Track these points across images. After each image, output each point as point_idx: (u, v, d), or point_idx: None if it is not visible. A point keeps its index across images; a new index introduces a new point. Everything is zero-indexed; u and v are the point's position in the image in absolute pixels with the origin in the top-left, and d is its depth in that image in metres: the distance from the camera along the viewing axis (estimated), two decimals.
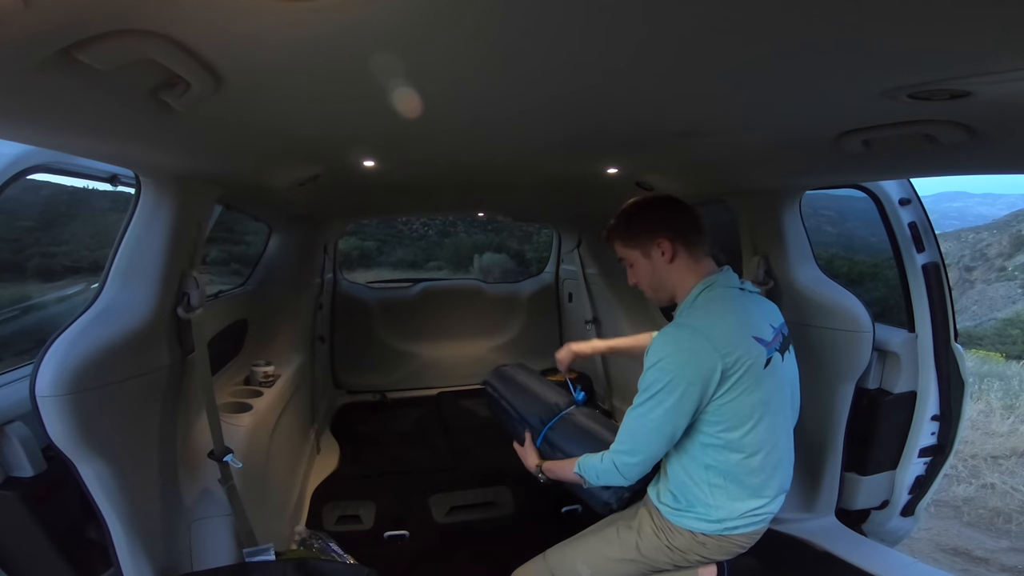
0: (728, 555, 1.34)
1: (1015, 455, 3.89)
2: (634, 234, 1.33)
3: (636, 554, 1.36)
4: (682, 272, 1.30)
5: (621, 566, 1.38)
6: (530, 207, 3.35)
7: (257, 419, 1.76)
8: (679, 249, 1.29)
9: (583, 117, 1.12)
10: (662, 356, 1.18)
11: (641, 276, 1.35)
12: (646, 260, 1.32)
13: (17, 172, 1.26)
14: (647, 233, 1.31)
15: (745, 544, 1.33)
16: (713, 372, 1.16)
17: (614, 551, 1.38)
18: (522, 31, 0.67)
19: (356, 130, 1.21)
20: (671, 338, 1.20)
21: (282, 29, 0.64)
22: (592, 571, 1.39)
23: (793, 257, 1.87)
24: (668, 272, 1.31)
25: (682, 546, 1.32)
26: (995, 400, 4.81)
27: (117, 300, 1.24)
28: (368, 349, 3.62)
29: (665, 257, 1.29)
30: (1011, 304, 15.40)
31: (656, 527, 1.35)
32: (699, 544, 1.31)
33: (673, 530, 1.32)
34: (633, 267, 1.36)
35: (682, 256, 1.29)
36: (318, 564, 1.41)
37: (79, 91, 0.72)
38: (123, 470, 1.18)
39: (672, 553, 1.33)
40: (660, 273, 1.32)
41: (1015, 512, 3.16)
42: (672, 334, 1.21)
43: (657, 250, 1.29)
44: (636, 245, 1.33)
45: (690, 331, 1.19)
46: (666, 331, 1.23)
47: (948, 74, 0.76)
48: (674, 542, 1.32)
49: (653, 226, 1.30)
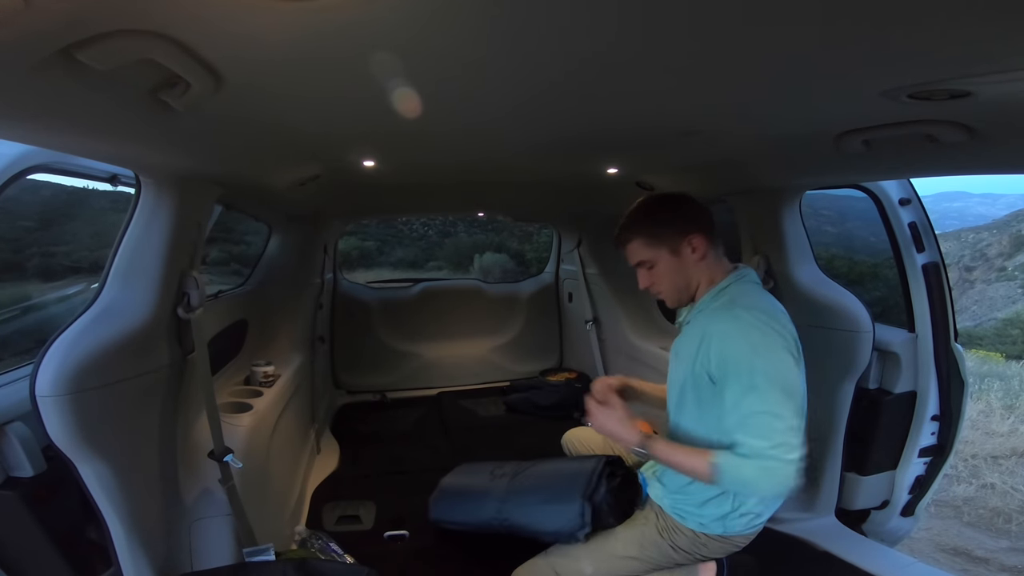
0: (726, 554, 1.36)
1: (1015, 455, 3.89)
2: (661, 232, 1.28)
3: (639, 551, 1.37)
4: (712, 269, 1.28)
5: (624, 563, 1.39)
6: (530, 207, 3.36)
7: (257, 419, 1.76)
8: (709, 246, 1.27)
9: (583, 117, 1.12)
10: (753, 340, 1.13)
11: (664, 276, 1.30)
12: (674, 258, 1.28)
13: (17, 172, 1.26)
14: (678, 231, 1.27)
15: (742, 543, 1.35)
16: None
17: (618, 548, 1.39)
18: (522, 31, 0.67)
19: (356, 130, 1.21)
20: (747, 322, 1.15)
21: (282, 28, 0.64)
22: (595, 568, 1.40)
23: (793, 257, 1.87)
24: (696, 270, 1.28)
25: (684, 546, 1.33)
26: (995, 400, 4.81)
27: (117, 300, 1.24)
28: (368, 349, 3.62)
29: (696, 254, 1.26)
30: (1011, 304, 15.39)
31: (660, 527, 1.36)
32: (701, 544, 1.32)
33: (677, 530, 1.33)
34: (655, 267, 1.30)
35: (711, 253, 1.28)
36: (318, 564, 1.41)
37: (79, 91, 0.72)
38: (123, 470, 1.18)
39: (675, 552, 1.35)
40: (688, 271, 1.28)
41: (1015, 512, 3.16)
42: (744, 317, 1.16)
43: (688, 247, 1.26)
44: (663, 243, 1.28)
45: (761, 312, 1.16)
46: (737, 316, 1.16)
47: (948, 74, 0.76)
48: (677, 542, 1.33)
49: (684, 223, 1.27)
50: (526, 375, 3.74)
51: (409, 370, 3.68)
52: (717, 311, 1.23)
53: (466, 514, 1.78)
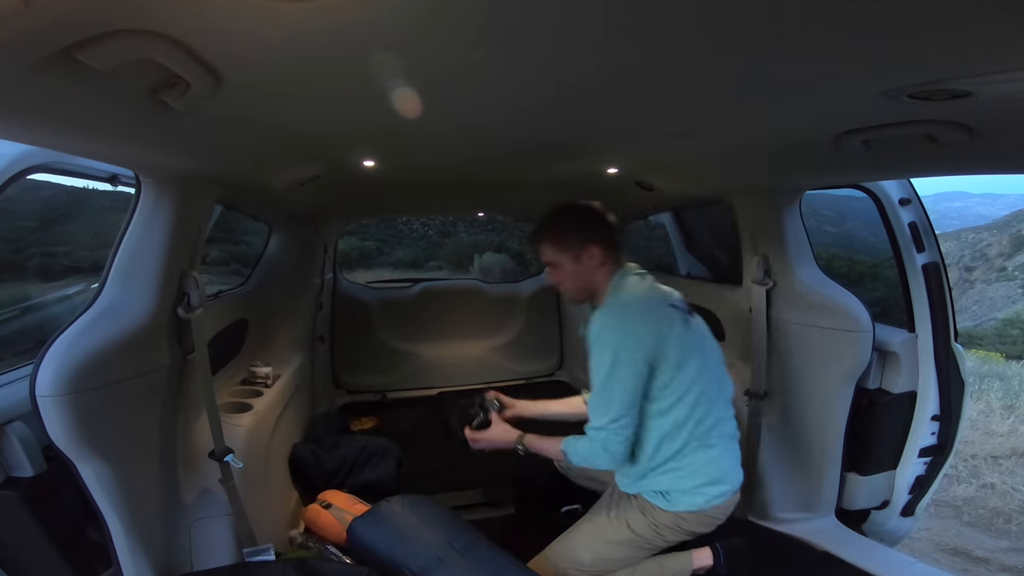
0: (709, 527, 1.47)
1: (1015, 455, 3.89)
2: (564, 238, 1.46)
3: (630, 533, 1.46)
4: (607, 273, 1.46)
5: (619, 548, 1.47)
6: (530, 207, 3.35)
7: (257, 419, 1.76)
8: (606, 255, 1.45)
9: (583, 117, 1.12)
10: (602, 331, 1.36)
11: (566, 276, 1.48)
12: (575, 263, 1.46)
13: (17, 172, 1.26)
14: (580, 239, 1.44)
15: (721, 515, 1.47)
16: (655, 343, 1.34)
17: (610, 534, 1.48)
18: (522, 30, 0.67)
19: (356, 130, 1.21)
20: (604, 318, 1.38)
21: (282, 28, 0.64)
22: (593, 556, 1.47)
23: (793, 257, 1.87)
24: (597, 275, 1.46)
25: (667, 522, 1.44)
26: (995, 400, 4.81)
27: (117, 300, 1.24)
28: (368, 349, 3.62)
29: (594, 261, 1.45)
30: (1011, 304, 15.39)
31: (640, 508, 1.46)
32: (681, 519, 1.43)
33: (656, 510, 1.44)
34: (561, 268, 1.48)
35: (609, 261, 1.46)
36: (318, 564, 1.41)
37: (79, 91, 0.72)
38: (123, 470, 1.18)
39: (659, 529, 1.45)
40: (587, 275, 1.47)
41: (1015, 512, 3.16)
42: (604, 313, 1.39)
43: (587, 254, 1.44)
44: (567, 249, 1.45)
45: (617, 307, 1.39)
46: (601, 312, 1.40)
47: (948, 74, 0.76)
48: (659, 519, 1.44)
49: (586, 232, 1.45)
50: (526, 375, 3.74)
51: (409, 370, 3.68)
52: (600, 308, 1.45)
53: (392, 550, 1.53)
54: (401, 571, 1.45)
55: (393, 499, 1.73)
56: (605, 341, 1.35)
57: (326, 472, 2.17)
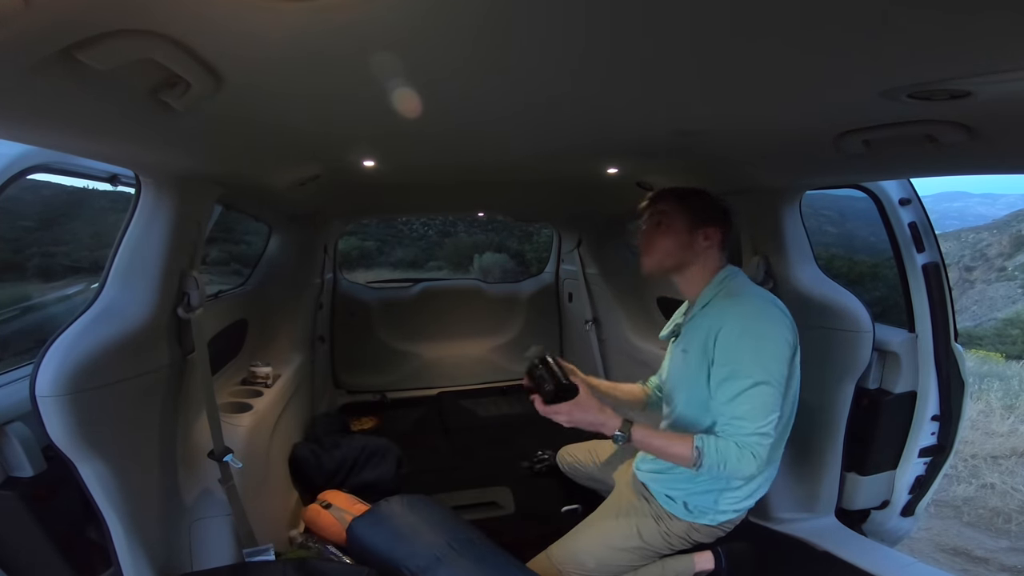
0: (715, 538, 1.48)
1: (1015, 455, 3.89)
2: (691, 205, 1.39)
3: (638, 541, 1.44)
4: (711, 260, 1.40)
5: (624, 554, 1.45)
6: (530, 207, 3.35)
7: (257, 419, 1.76)
8: (718, 242, 1.40)
9: (583, 117, 1.12)
10: (747, 324, 1.24)
11: (664, 239, 1.39)
12: (686, 232, 1.38)
13: (17, 172, 1.26)
14: (704, 215, 1.39)
15: (729, 527, 1.46)
16: (793, 350, 1.29)
17: (616, 540, 1.45)
18: (522, 30, 0.67)
19: (356, 130, 1.21)
20: (745, 310, 1.27)
21: (282, 28, 0.64)
22: (597, 561, 1.45)
23: (793, 257, 1.87)
24: (694, 255, 1.39)
25: (680, 532, 1.43)
26: (995, 400, 4.81)
27: (117, 300, 1.24)
28: (368, 349, 3.62)
29: (707, 242, 1.39)
30: (1011, 304, 15.39)
31: (655, 515, 1.44)
32: (693, 531, 1.42)
33: (670, 517, 1.43)
34: (666, 228, 1.39)
35: (715, 248, 1.40)
36: (318, 564, 1.41)
37: (79, 91, 0.72)
38: (123, 470, 1.18)
39: (670, 538, 1.43)
40: (687, 251, 1.39)
41: (1015, 512, 3.16)
42: (743, 305, 1.29)
43: (702, 233, 1.38)
44: (686, 215, 1.39)
45: (760, 299, 1.31)
46: (737, 303, 1.29)
47: (948, 74, 0.76)
48: (672, 528, 1.42)
49: (712, 212, 1.41)
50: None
51: (409, 370, 3.68)
52: (720, 302, 1.32)
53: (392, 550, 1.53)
54: (401, 571, 1.45)
55: (393, 499, 1.73)
56: (760, 334, 1.21)
57: (326, 472, 2.17)
